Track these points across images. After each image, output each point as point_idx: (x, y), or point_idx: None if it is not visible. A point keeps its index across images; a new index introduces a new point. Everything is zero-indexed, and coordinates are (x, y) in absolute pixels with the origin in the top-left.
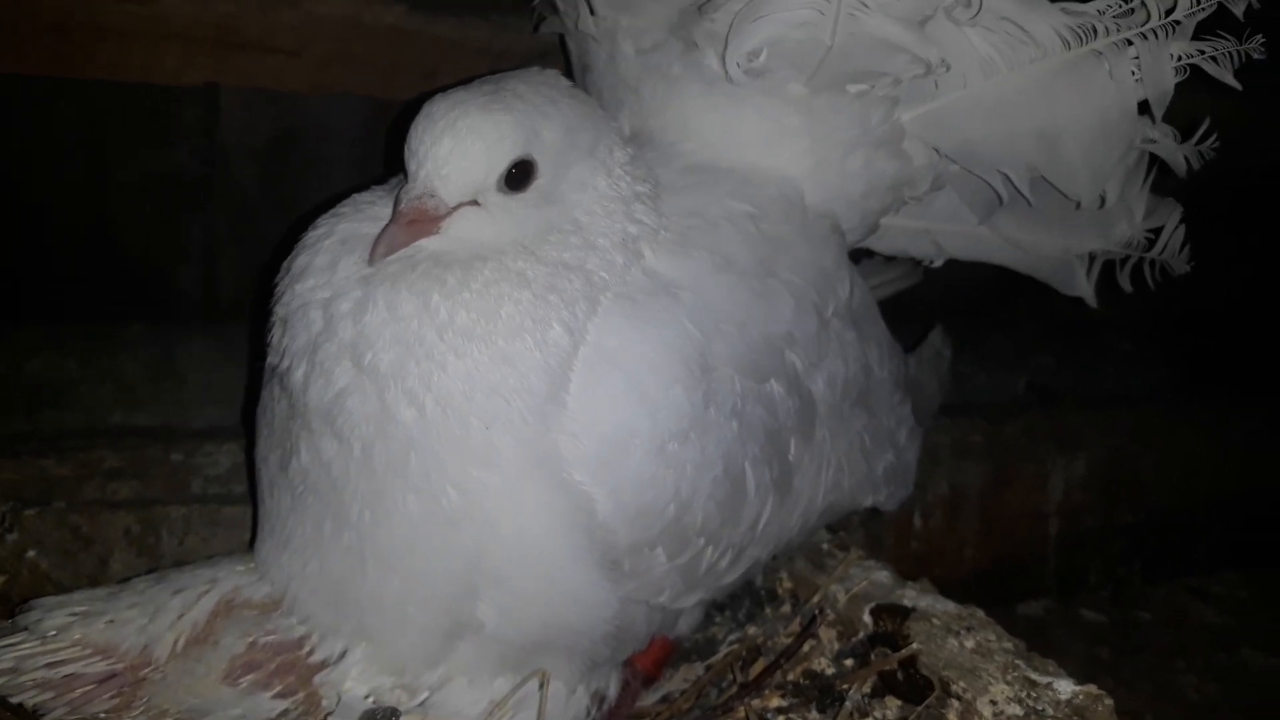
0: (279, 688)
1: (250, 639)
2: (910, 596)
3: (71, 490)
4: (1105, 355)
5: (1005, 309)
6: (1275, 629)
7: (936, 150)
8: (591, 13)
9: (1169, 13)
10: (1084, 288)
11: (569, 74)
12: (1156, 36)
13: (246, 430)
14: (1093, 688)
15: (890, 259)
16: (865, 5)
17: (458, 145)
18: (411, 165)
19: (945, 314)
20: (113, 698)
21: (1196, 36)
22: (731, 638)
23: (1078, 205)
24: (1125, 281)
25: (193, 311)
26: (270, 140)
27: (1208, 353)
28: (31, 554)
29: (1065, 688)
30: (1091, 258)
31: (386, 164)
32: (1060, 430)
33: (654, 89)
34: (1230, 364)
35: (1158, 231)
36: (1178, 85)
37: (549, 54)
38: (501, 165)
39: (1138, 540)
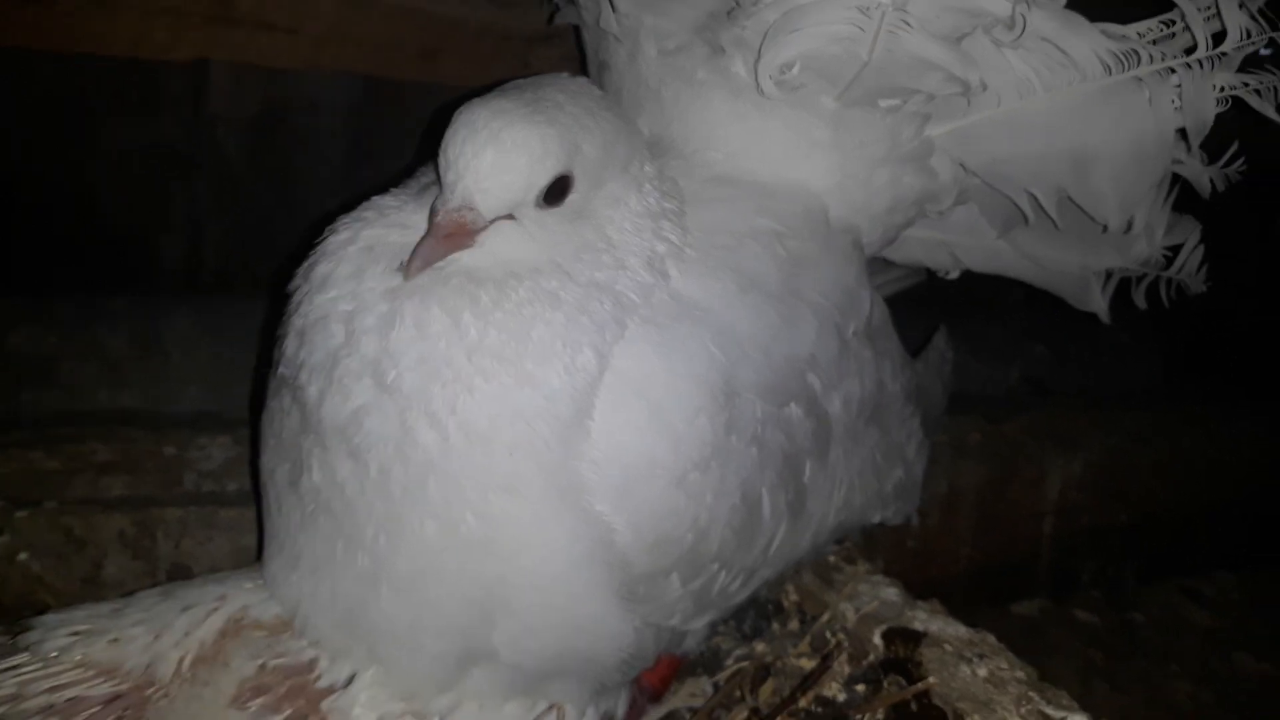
0: (288, 712)
1: (260, 661)
2: (921, 619)
3: (61, 485)
4: (1099, 346)
5: (998, 298)
6: (1267, 632)
7: (963, 166)
8: (614, 9)
9: (1217, 44)
10: (1099, 304)
11: (581, 64)
12: (1202, 67)
13: (252, 422)
14: None
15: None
16: (906, 23)
17: (501, 158)
18: (449, 175)
19: (937, 303)
20: None
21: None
22: (738, 652)
23: (1104, 229)
24: (1140, 299)
25: (176, 285)
26: (259, 113)
27: (1201, 346)
28: (23, 556)
29: None
30: (1108, 274)
31: (380, 143)
32: (1059, 429)
33: (676, 93)
34: (1224, 357)
35: (1175, 248)
36: None
37: (553, 37)
38: (543, 181)
39: (1131, 540)
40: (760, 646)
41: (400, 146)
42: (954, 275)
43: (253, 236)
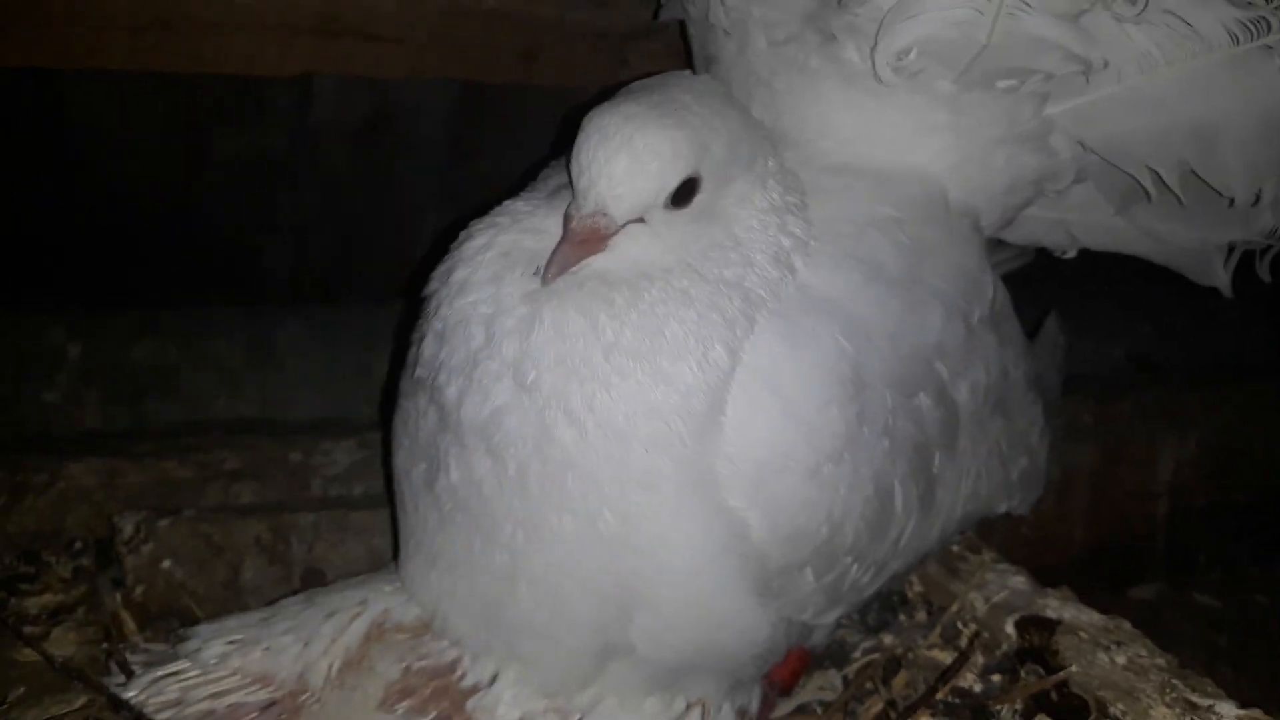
0: (434, 713)
1: (404, 664)
2: (1053, 607)
3: (194, 493)
4: (1206, 321)
5: (1100, 273)
6: None
7: (1082, 144)
8: (721, 2)
9: None
10: (1221, 278)
11: (684, 58)
12: None
13: (383, 425)
14: (1258, 712)
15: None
16: (1026, 4)
17: (634, 164)
18: (582, 182)
19: (1041, 280)
20: None
21: None
22: (865, 645)
23: (1230, 203)
24: (1264, 271)
25: (283, 292)
26: (362, 121)
27: None
28: (166, 564)
29: (1228, 711)
30: (1231, 248)
31: (478, 146)
32: (1170, 407)
33: (789, 83)
34: None
35: None
36: None
37: (651, 33)
38: (673, 183)
39: (1248, 519)
40: (888, 638)
41: (497, 149)
42: (1070, 254)
43: (356, 243)
